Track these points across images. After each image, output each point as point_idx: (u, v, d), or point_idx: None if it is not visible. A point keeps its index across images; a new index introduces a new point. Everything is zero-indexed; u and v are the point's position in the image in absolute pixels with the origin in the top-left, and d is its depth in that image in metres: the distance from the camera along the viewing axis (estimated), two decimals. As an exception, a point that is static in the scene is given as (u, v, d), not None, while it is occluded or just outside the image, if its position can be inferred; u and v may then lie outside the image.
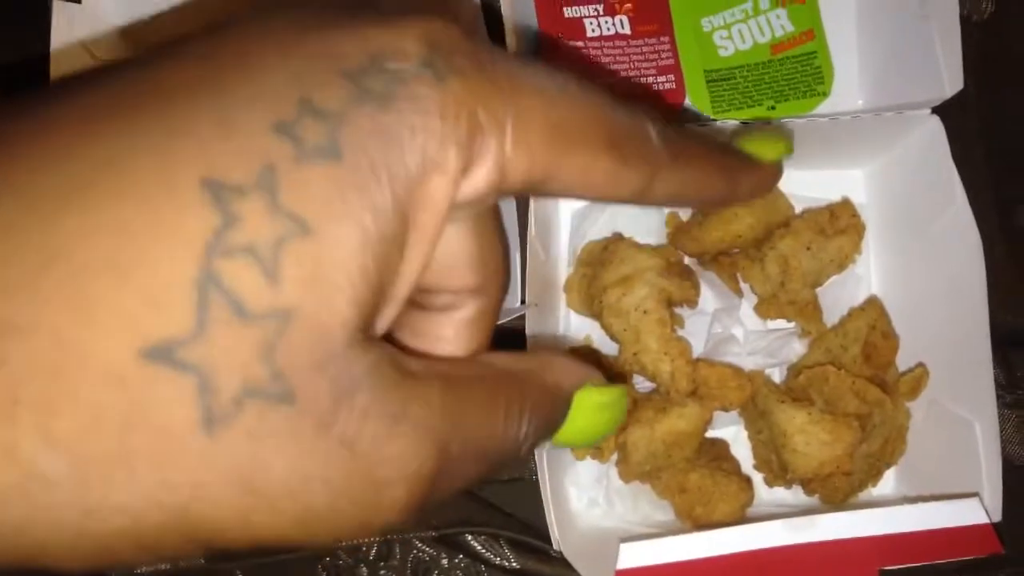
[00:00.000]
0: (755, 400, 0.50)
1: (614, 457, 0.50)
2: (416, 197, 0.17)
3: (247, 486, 0.16)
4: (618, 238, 0.52)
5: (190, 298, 0.15)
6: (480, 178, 0.18)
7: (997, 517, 0.44)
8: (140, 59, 0.17)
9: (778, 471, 0.50)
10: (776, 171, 0.26)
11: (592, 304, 0.51)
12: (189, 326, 0.15)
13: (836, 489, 0.50)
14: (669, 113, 0.54)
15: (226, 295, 0.15)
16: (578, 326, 0.54)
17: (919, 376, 0.50)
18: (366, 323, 0.17)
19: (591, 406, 0.22)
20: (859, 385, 0.49)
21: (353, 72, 0.17)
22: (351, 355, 0.16)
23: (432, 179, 0.17)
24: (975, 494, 0.44)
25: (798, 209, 0.53)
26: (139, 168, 0.15)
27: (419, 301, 0.21)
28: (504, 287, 0.21)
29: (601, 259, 0.51)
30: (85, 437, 0.14)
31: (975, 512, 0.42)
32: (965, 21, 0.48)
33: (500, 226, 0.21)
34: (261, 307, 0.15)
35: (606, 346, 0.52)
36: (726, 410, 0.51)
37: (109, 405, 0.15)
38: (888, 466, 0.51)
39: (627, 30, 0.55)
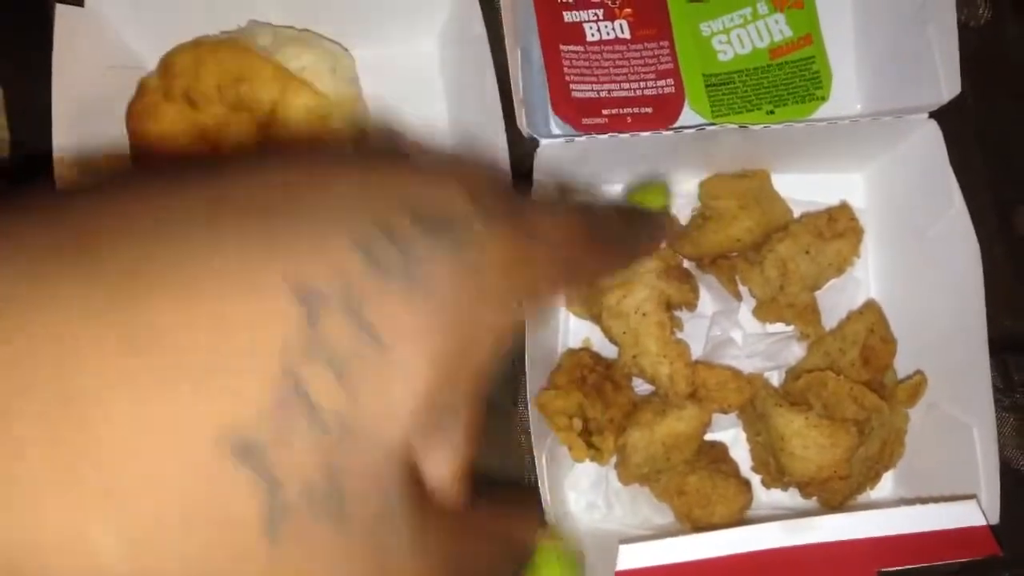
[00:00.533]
0: (753, 403, 0.51)
1: (613, 460, 0.50)
2: (473, 334, 0.19)
3: None
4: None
5: (274, 397, 0.15)
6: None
7: (995, 519, 0.44)
8: (214, 171, 0.18)
9: (776, 473, 0.50)
10: (664, 218, 0.31)
11: (591, 306, 0.51)
12: (270, 426, 0.15)
13: (833, 493, 0.50)
14: (668, 118, 0.55)
15: (304, 400, 0.16)
16: (577, 328, 0.54)
17: (918, 383, 0.50)
18: (413, 446, 0.18)
19: (554, 560, 0.26)
20: (857, 391, 0.49)
21: (424, 216, 0.18)
22: (398, 475, 0.17)
23: (486, 316, 0.19)
24: (973, 496, 0.44)
25: (797, 213, 0.53)
26: (235, 269, 0.16)
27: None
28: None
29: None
30: (154, 528, 0.14)
31: (973, 514, 0.42)
32: (962, 26, 0.49)
33: None
34: (332, 417, 0.16)
35: (605, 348, 0.52)
36: (725, 412, 0.51)
37: (182, 493, 0.15)
38: (886, 469, 0.51)
39: (627, 34, 0.55)
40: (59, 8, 0.47)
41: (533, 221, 0.21)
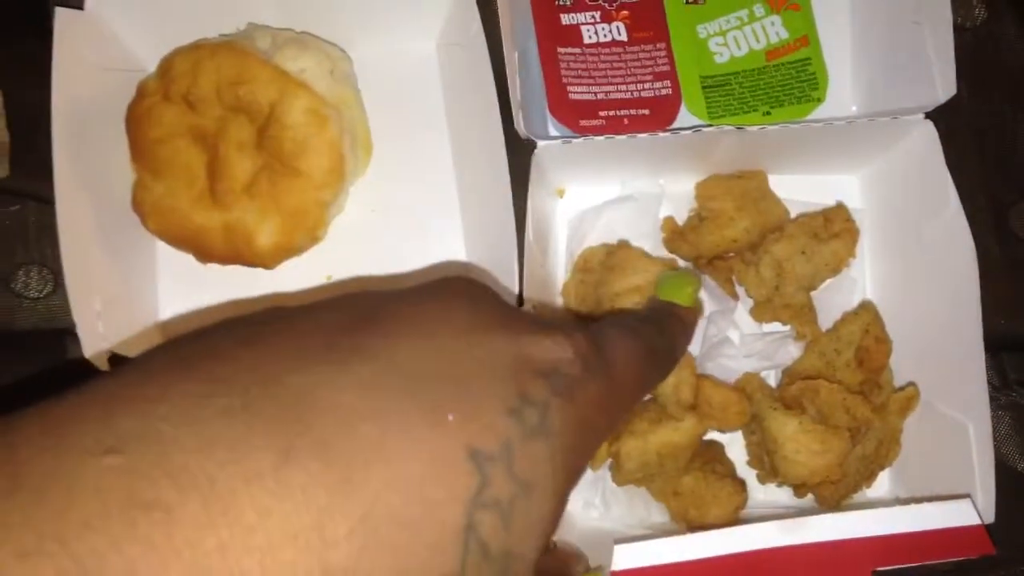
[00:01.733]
0: (750, 401, 0.51)
1: (608, 461, 0.51)
2: (581, 463, 0.25)
3: None
4: (624, 245, 0.52)
5: (460, 541, 0.21)
6: None
7: (990, 519, 0.44)
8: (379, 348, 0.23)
9: (771, 470, 0.51)
10: (696, 311, 0.36)
11: (598, 310, 0.51)
12: (456, 568, 0.21)
13: (826, 496, 0.50)
14: (665, 119, 0.55)
15: (479, 540, 0.21)
16: (575, 330, 0.54)
17: (910, 395, 0.51)
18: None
19: None
20: (850, 401, 0.49)
21: (547, 373, 0.24)
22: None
23: (590, 444, 0.26)
24: (967, 496, 0.44)
25: (793, 214, 0.54)
26: (422, 437, 0.21)
27: None
28: None
29: (609, 265, 0.51)
30: None
31: (968, 513, 0.42)
32: (958, 27, 0.49)
33: None
34: (497, 550, 0.22)
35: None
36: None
37: None
38: (882, 468, 0.52)
39: (624, 37, 0.56)
40: (58, 11, 0.47)
41: (613, 360, 0.27)
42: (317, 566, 0.19)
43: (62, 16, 0.48)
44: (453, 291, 0.26)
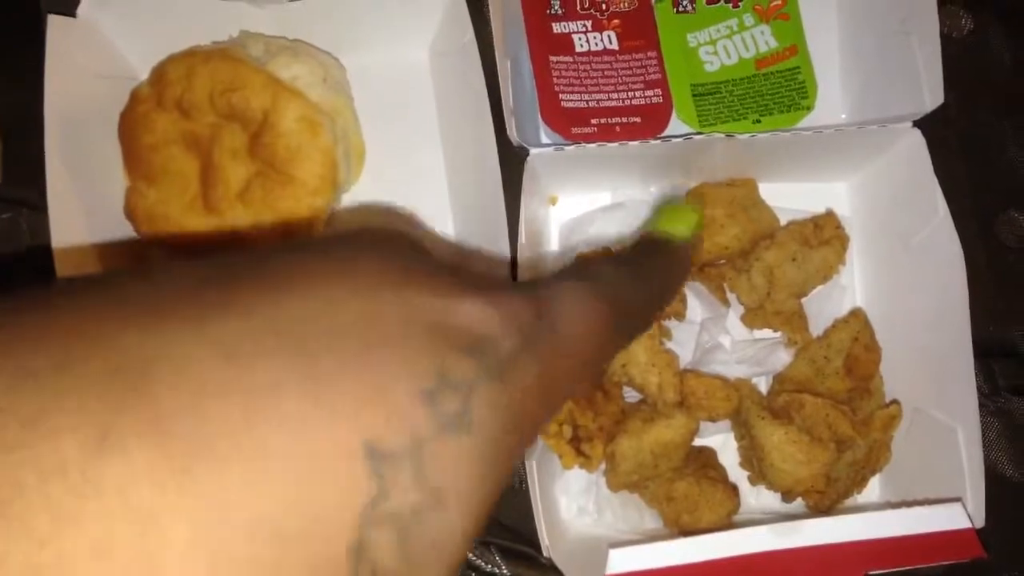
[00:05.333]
0: (739, 408, 0.51)
1: (603, 466, 0.51)
2: (508, 462, 0.20)
3: None
4: (608, 249, 0.53)
5: (346, 566, 0.16)
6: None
7: (980, 523, 0.44)
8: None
9: (759, 475, 0.51)
10: (690, 247, 0.31)
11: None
12: None
13: (814, 503, 0.50)
14: (656, 127, 0.55)
15: (371, 565, 0.16)
16: (567, 336, 0.54)
17: (893, 413, 0.51)
18: None
19: None
20: (832, 417, 0.49)
21: (473, 348, 0.19)
22: None
23: (522, 441, 0.20)
24: (958, 499, 0.45)
25: (783, 221, 0.54)
26: (303, 422, 0.16)
27: None
28: None
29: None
30: None
31: (958, 517, 0.42)
32: (945, 38, 0.49)
33: None
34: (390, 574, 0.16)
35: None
36: (713, 420, 0.51)
37: None
38: (873, 473, 0.52)
39: (615, 45, 0.56)
40: (51, 18, 0.47)
41: (563, 328, 0.22)
42: None
43: (55, 23, 0.48)
44: (362, 240, 0.20)
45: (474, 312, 0.20)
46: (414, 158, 0.55)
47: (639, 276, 0.27)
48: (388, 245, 0.20)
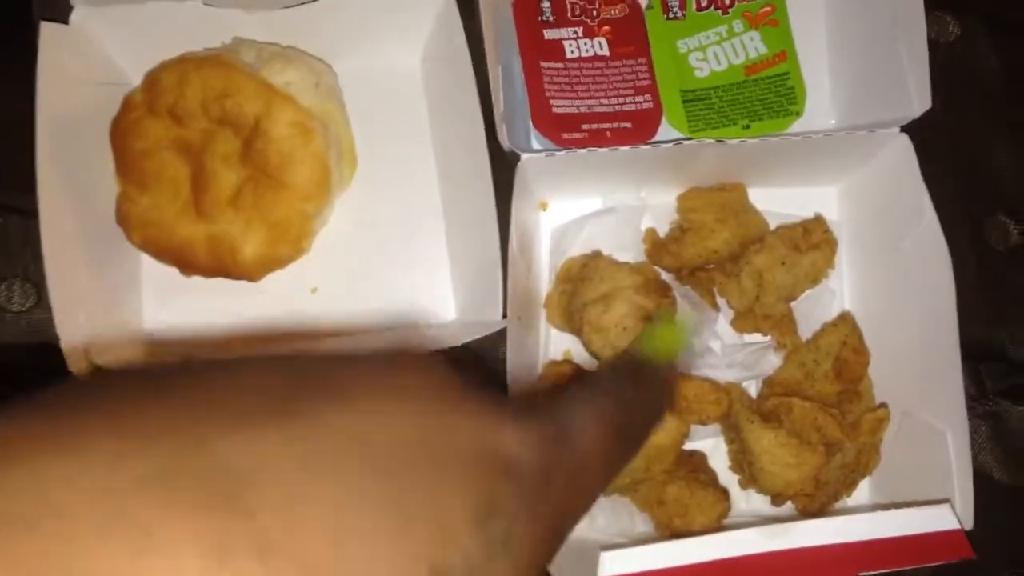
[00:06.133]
0: (730, 411, 0.51)
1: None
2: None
3: None
4: (596, 255, 0.53)
5: None
6: None
7: (969, 525, 0.45)
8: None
9: (749, 478, 0.51)
10: (673, 383, 0.30)
11: (572, 320, 0.51)
12: None
13: (803, 506, 0.51)
14: (647, 133, 0.55)
15: None
16: (558, 341, 0.54)
17: (881, 417, 0.51)
18: None
19: None
20: (821, 421, 0.50)
21: (513, 472, 0.20)
22: None
23: (550, 553, 0.21)
24: (947, 501, 0.45)
25: (772, 225, 0.54)
26: (383, 544, 0.17)
27: None
28: None
29: (581, 275, 0.51)
30: None
31: (947, 518, 0.43)
32: (932, 43, 0.50)
33: None
34: None
35: (585, 361, 0.52)
36: (703, 424, 0.52)
37: None
38: (862, 476, 0.52)
39: (605, 52, 0.56)
40: (44, 25, 0.48)
41: (579, 447, 0.23)
42: None
43: (47, 30, 0.48)
44: (407, 362, 0.22)
45: (513, 440, 0.21)
46: (406, 163, 0.56)
47: (627, 403, 0.27)
48: (430, 367, 0.22)
